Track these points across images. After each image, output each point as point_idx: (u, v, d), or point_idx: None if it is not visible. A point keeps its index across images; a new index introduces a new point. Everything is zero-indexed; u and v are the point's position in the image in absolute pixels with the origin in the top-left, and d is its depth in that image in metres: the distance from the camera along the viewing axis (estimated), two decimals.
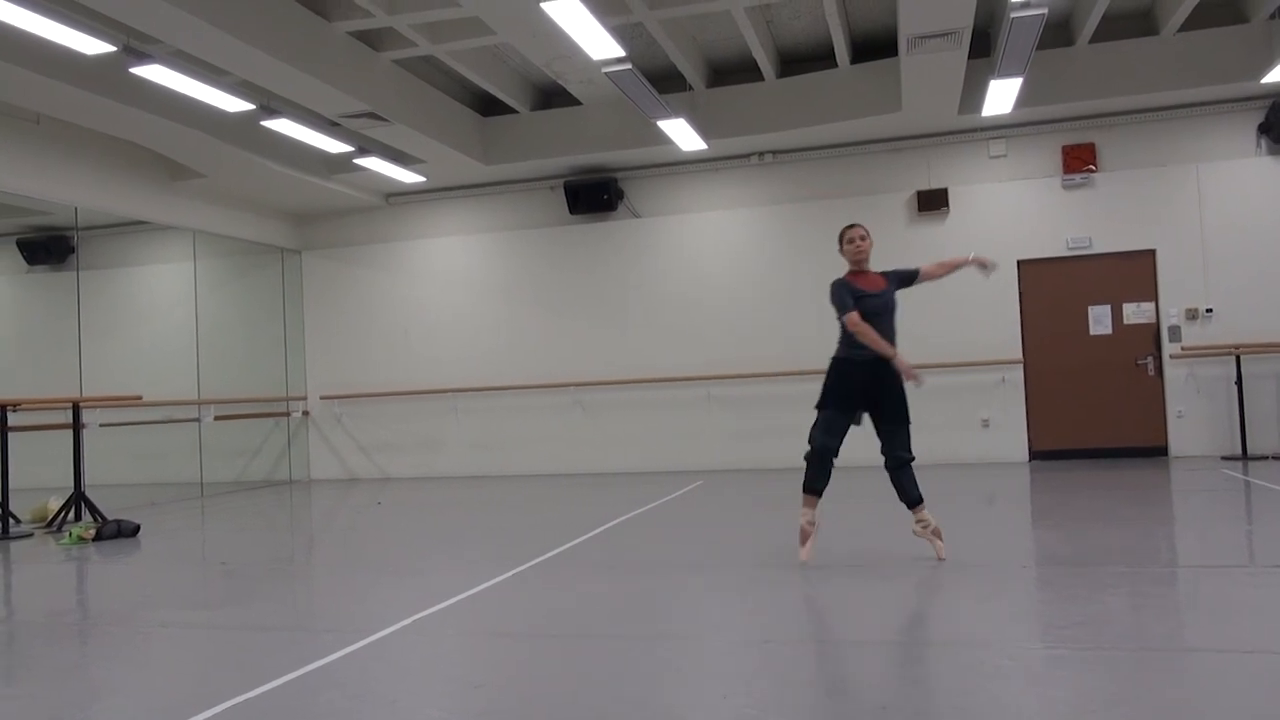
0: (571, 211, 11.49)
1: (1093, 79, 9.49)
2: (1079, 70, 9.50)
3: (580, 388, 11.56)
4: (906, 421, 5.20)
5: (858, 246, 5.23)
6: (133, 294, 12.02)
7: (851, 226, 5.31)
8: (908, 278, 5.36)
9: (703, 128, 10.03)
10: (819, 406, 5.22)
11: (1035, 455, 10.33)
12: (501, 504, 9.03)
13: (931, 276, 5.44)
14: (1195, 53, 9.23)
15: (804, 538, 5.17)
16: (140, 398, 9.28)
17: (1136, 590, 4.33)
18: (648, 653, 3.66)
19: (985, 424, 10.39)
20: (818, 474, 5.19)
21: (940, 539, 5.13)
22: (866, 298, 5.12)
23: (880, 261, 5.45)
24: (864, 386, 5.11)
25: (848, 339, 5.12)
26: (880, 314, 5.14)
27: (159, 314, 11.90)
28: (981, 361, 10.33)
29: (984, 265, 5.40)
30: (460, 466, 11.99)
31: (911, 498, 5.18)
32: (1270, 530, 5.82)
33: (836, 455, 5.20)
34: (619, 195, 11.41)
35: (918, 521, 5.17)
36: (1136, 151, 10.12)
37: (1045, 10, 7.05)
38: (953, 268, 5.52)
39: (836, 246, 5.34)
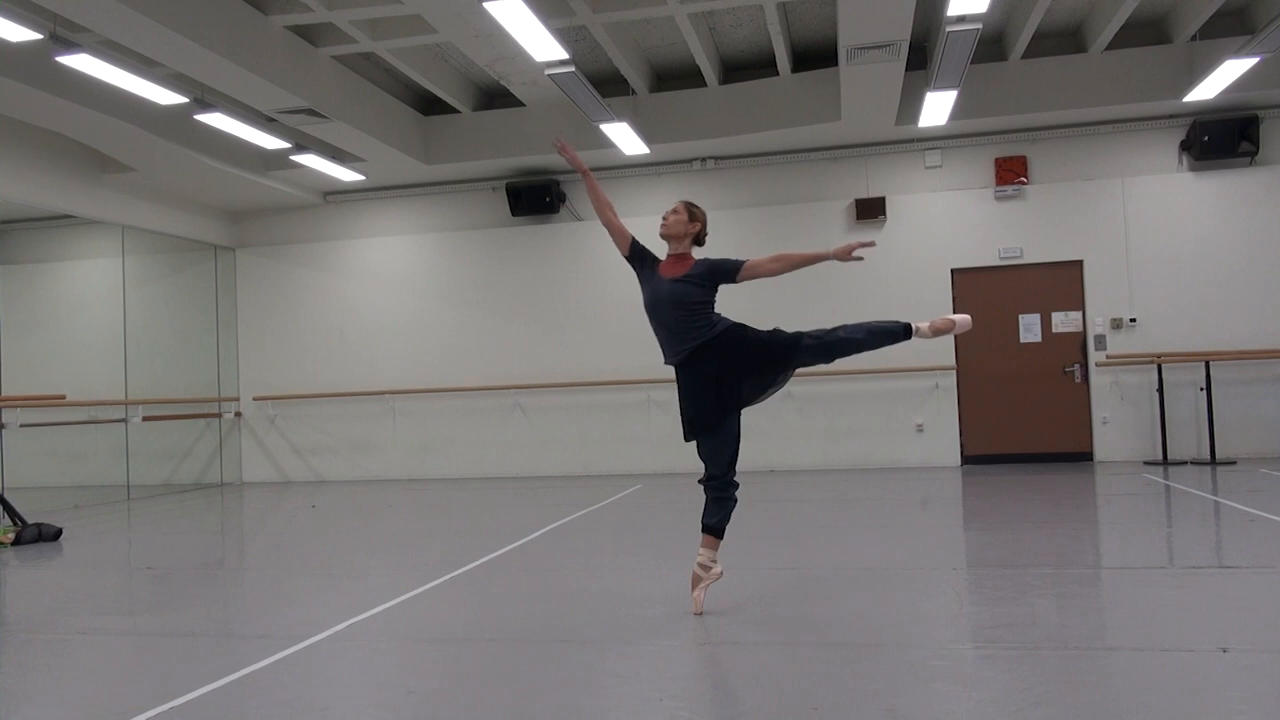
0: (513, 213, 11.43)
1: (1024, 94, 9.75)
2: (1011, 85, 9.75)
3: (520, 390, 11.50)
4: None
5: (663, 219, 4.46)
6: (57, 290, 11.65)
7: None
8: (729, 272, 4.34)
9: (645, 132, 10.07)
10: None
11: (967, 460, 10.55)
12: (438, 508, 8.94)
13: (767, 273, 4.35)
14: (1121, 71, 9.54)
15: (695, 582, 4.30)
16: (64, 397, 8.98)
17: (1062, 591, 4.45)
18: (582, 657, 3.66)
19: (919, 429, 10.59)
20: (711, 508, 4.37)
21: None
22: (648, 284, 4.38)
23: (819, 269, 5.43)
24: (696, 386, 4.38)
25: None
26: (657, 307, 4.32)
27: (85, 311, 11.55)
28: (916, 368, 10.52)
29: (852, 254, 4.32)
30: (397, 469, 11.84)
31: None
32: (1188, 533, 6.03)
33: (726, 482, 4.43)
34: (561, 198, 11.39)
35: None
36: (1065, 165, 10.42)
37: (979, 26, 7.23)
38: (803, 262, 4.40)
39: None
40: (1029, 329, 10.48)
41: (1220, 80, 8.81)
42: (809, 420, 10.79)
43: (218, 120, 8.64)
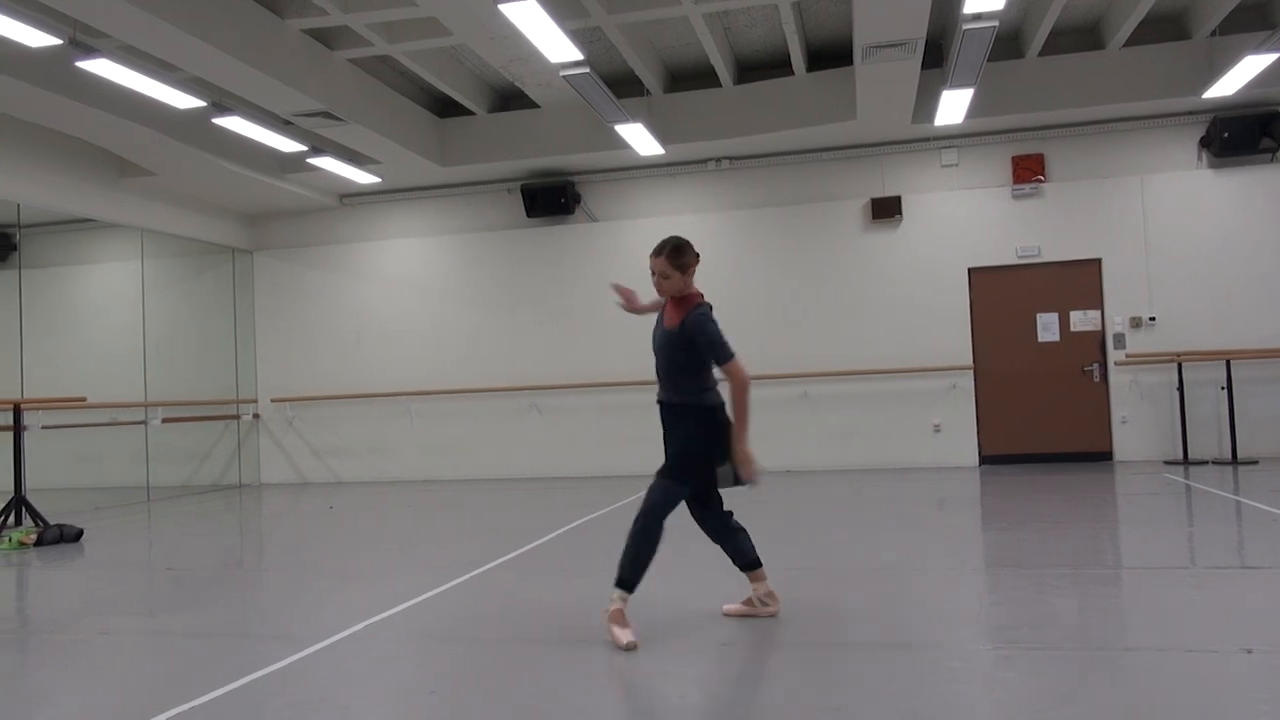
0: (528, 214, 11.45)
1: (1042, 91, 9.69)
2: (1028, 82, 9.70)
3: (536, 391, 11.52)
4: (665, 473, 4.13)
5: (656, 285, 4.09)
6: (78, 293, 11.75)
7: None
8: (709, 351, 3.98)
9: (660, 133, 10.07)
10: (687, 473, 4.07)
11: (985, 460, 10.50)
12: (455, 508, 8.96)
13: (733, 390, 3.98)
14: (1140, 67, 9.47)
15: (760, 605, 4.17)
16: (85, 399, 9.06)
17: (1082, 591, 4.42)
18: (601, 658, 3.66)
19: (936, 429, 10.54)
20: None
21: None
22: (656, 328, 4.20)
23: (835, 269, 5.41)
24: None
25: (708, 382, 4.06)
26: (657, 349, 4.15)
27: (105, 314, 11.64)
28: (933, 368, 10.48)
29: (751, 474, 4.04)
30: (414, 471, 11.88)
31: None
32: (1210, 533, 5.98)
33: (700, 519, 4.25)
34: (576, 199, 11.40)
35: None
36: (1083, 162, 10.35)
37: (996, 23, 7.18)
38: (742, 419, 3.97)
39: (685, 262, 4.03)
40: (1047, 328, 10.41)
41: (1240, 76, 8.73)
42: (825, 420, 10.76)
43: (235, 124, 8.70)
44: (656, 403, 4.23)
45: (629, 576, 3.89)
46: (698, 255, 4.07)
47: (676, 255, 4.02)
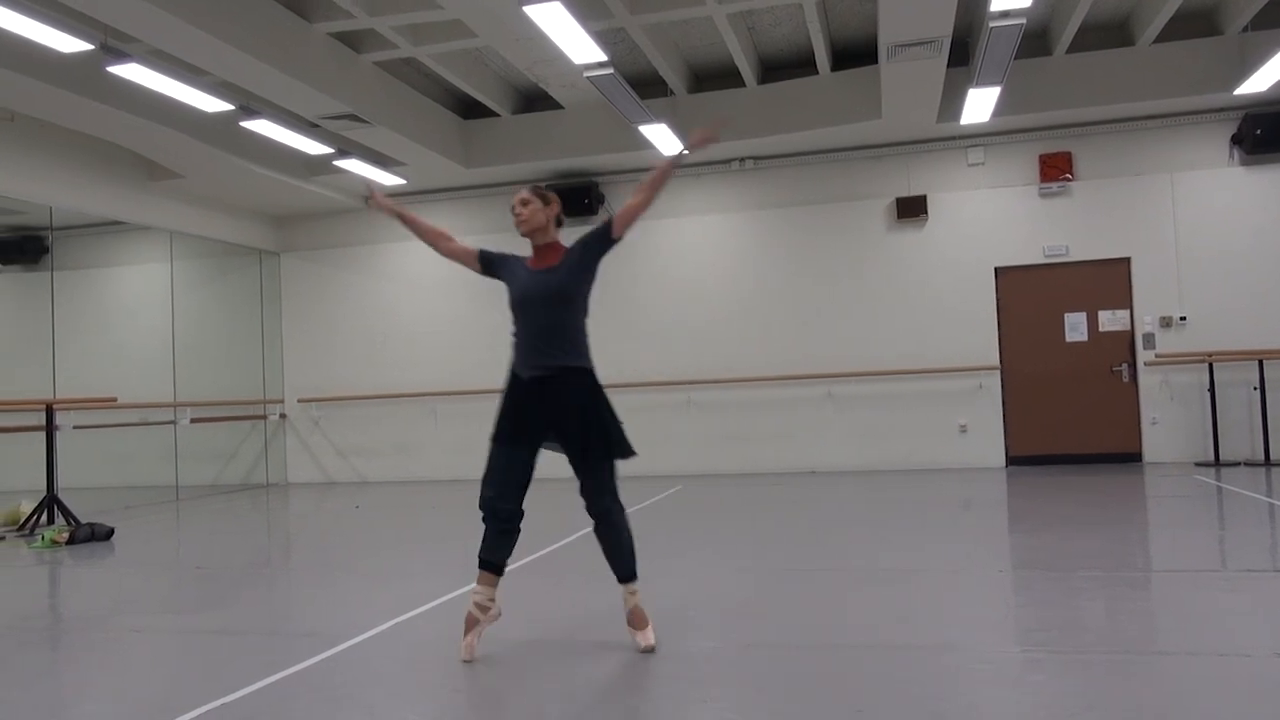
0: None
1: (1070, 89, 9.59)
2: (1056, 80, 9.60)
3: None
4: (605, 456, 3.72)
5: (516, 216, 3.83)
6: (108, 295, 11.90)
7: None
8: (602, 234, 3.86)
9: (684, 133, 10.05)
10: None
11: (1012, 461, 10.41)
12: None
13: (637, 209, 3.80)
14: (1170, 64, 9.36)
15: (469, 625, 3.72)
16: (115, 400, 9.18)
17: (1111, 594, 4.37)
18: (625, 659, 3.66)
19: (963, 430, 10.46)
20: (490, 542, 3.74)
21: (645, 627, 3.76)
22: (516, 281, 3.82)
23: (860, 269, 5.37)
24: (535, 410, 3.77)
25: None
26: (527, 305, 3.75)
27: (135, 315, 11.78)
28: (959, 368, 10.40)
29: (704, 141, 3.94)
30: (439, 470, 11.94)
31: (619, 570, 3.80)
32: (1242, 535, 5.89)
33: (512, 513, 3.74)
34: (599, 199, 11.41)
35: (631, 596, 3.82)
36: (1112, 161, 10.23)
37: (1023, 21, 7.13)
38: (662, 176, 3.84)
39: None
40: (1075, 328, 10.31)
41: (1274, 72, 8.60)
42: (849, 421, 10.71)
43: (262, 127, 8.79)
44: (529, 378, 3.74)
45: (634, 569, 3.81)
46: (562, 215, 3.93)
47: (542, 191, 3.88)
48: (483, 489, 3.79)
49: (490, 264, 3.96)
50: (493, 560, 3.73)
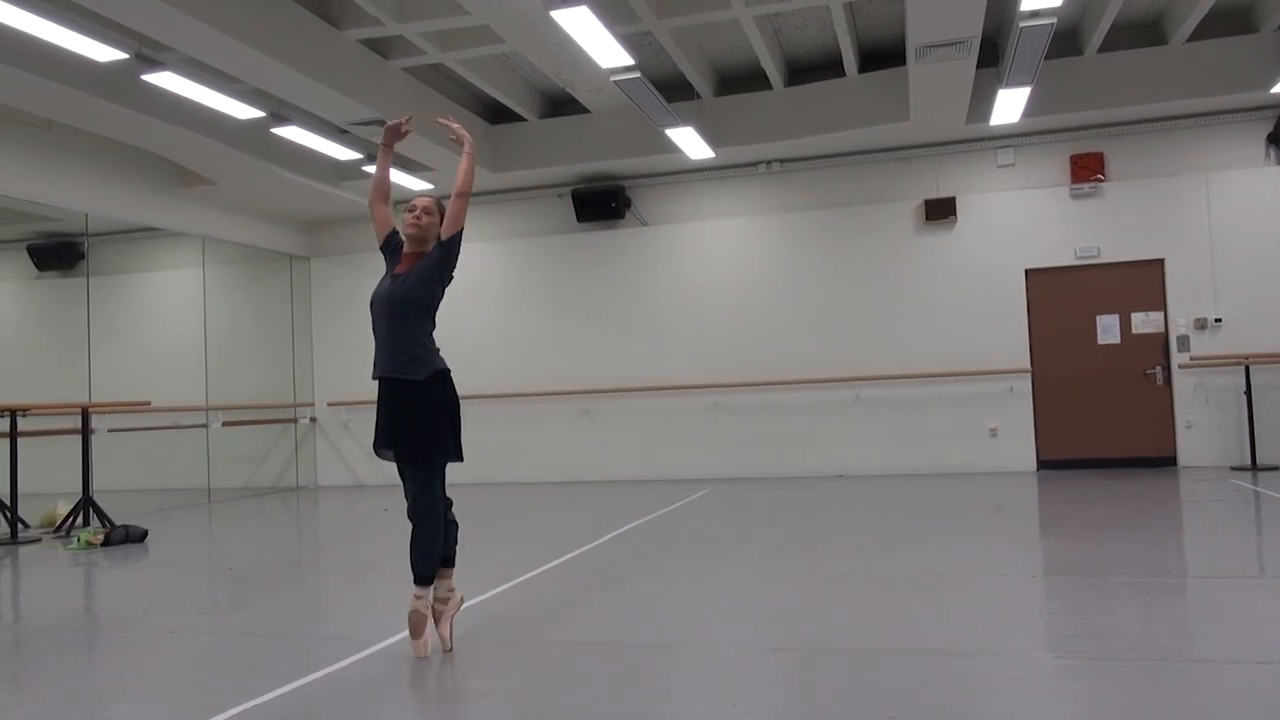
0: (579, 219, 11.50)
1: (1101, 89, 9.49)
2: (1087, 80, 9.50)
3: (587, 395, 11.56)
4: (427, 461, 3.92)
5: (414, 220, 3.89)
6: (142, 300, 12.06)
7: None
8: (444, 243, 3.91)
9: (711, 136, 10.05)
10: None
11: (1043, 465, 10.29)
12: (508, 511, 9.03)
13: (461, 203, 3.90)
14: (1204, 62, 9.23)
15: (415, 626, 3.76)
16: (149, 403, 9.31)
17: (1146, 601, 4.31)
18: (652, 662, 3.65)
19: (993, 433, 10.37)
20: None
21: (421, 637, 3.73)
22: (380, 282, 4.01)
23: (888, 271, 5.34)
24: (384, 413, 3.93)
25: None
26: (376, 307, 3.94)
27: (168, 320, 11.93)
28: (989, 371, 10.31)
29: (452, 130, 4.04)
30: (466, 474, 11.86)
31: (417, 570, 3.82)
32: None
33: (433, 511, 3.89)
34: (627, 203, 11.42)
35: (437, 601, 3.88)
36: (1145, 161, 10.10)
37: (1054, 20, 7.06)
38: (469, 162, 3.96)
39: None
40: (1107, 330, 10.19)
41: None
42: (879, 424, 10.64)
43: (292, 133, 8.88)
44: (382, 379, 3.88)
45: (429, 572, 3.84)
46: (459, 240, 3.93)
47: (444, 209, 3.91)
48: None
49: (385, 251, 4.10)
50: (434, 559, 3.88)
